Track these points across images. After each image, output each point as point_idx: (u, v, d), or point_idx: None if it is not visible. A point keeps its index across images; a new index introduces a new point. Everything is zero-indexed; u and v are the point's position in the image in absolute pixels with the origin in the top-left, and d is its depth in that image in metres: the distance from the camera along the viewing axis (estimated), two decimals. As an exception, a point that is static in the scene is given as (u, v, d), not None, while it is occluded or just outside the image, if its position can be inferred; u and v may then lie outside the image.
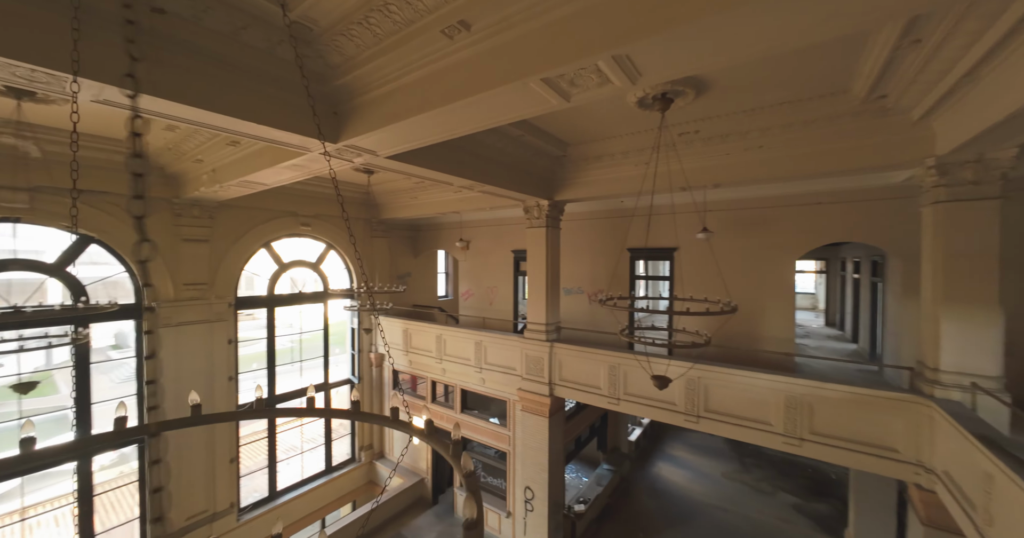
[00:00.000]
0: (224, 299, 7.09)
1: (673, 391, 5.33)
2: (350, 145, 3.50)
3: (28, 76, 2.21)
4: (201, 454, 6.81)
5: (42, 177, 5.21)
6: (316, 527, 8.83)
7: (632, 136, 5.11)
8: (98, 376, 7.02)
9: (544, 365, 6.67)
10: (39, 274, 5.52)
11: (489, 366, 7.52)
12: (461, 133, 3.09)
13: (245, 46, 2.67)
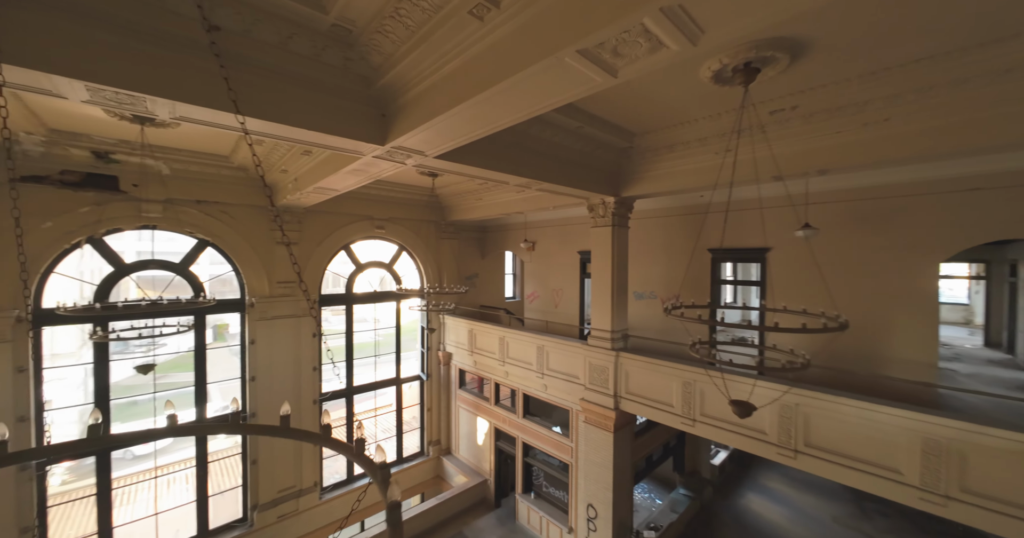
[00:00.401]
0: (310, 296, 7.80)
1: (763, 417, 4.51)
2: (397, 147, 3.50)
3: (129, 102, 2.49)
4: (290, 435, 7.56)
5: (176, 190, 6.22)
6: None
7: (710, 120, 4.43)
8: (233, 358, 8.16)
9: (609, 376, 6.17)
10: (169, 272, 6.60)
11: (551, 372, 7.21)
12: (502, 124, 2.87)
13: (293, 55, 2.76)
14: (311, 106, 3.01)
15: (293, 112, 2.93)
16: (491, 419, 8.88)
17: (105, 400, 6.03)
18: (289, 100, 2.90)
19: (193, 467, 6.77)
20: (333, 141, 3.36)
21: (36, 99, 3.96)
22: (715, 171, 4.55)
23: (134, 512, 6.76)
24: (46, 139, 4.98)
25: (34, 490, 5.47)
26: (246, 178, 6.75)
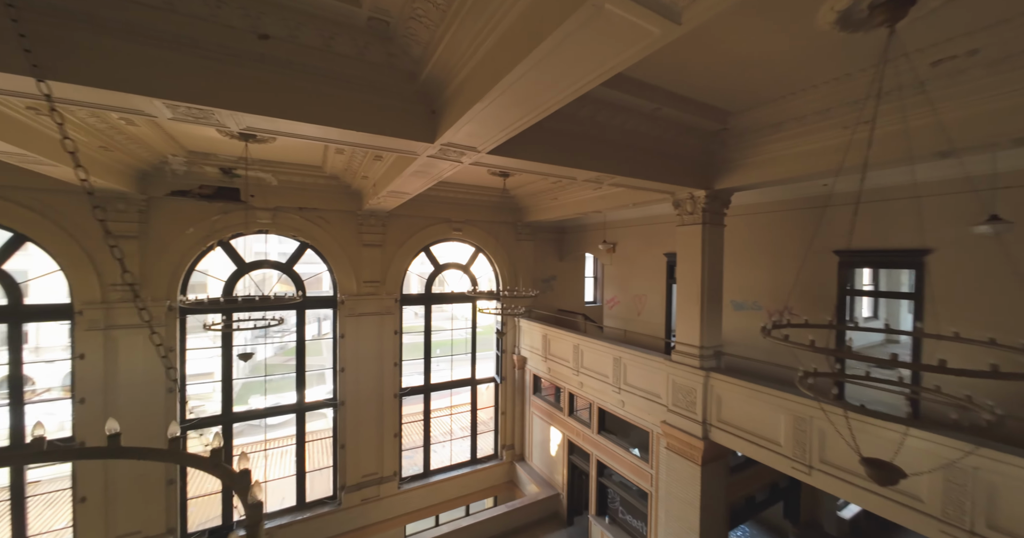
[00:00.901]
0: (392, 295, 8.25)
1: (919, 482, 3.34)
2: (448, 144, 3.34)
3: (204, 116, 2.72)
4: (373, 426, 8.08)
5: (281, 199, 7.06)
6: (461, 511, 9.46)
7: (834, 84, 3.43)
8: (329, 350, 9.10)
9: (696, 398, 5.29)
10: (276, 271, 7.53)
11: (629, 388, 6.50)
12: (548, 106, 2.49)
13: (338, 56, 2.76)
14: (360, 107, 2.99)
15: (343, 115, 2.94)
16: (564, 430, 8.41)
17: (228, 380, 7.10)
18: (338, 103, 2.91)
19: (303, 444, 7.64)
20: (385, 141, 3.33)
21: (172, 126, 4.71)
22: (841, 151, 3.51)
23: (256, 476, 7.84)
24: (187, 160, 6.00)
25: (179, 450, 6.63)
26: (337, 186, 7.38)
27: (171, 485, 6.54)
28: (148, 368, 6.31)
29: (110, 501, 6.10)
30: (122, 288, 6.12)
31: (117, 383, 6.15)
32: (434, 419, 9.28)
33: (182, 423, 6.69)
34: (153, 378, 6.35)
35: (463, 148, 3.45)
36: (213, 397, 17.05)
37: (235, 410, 7.26)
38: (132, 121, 4.34)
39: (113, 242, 1.75)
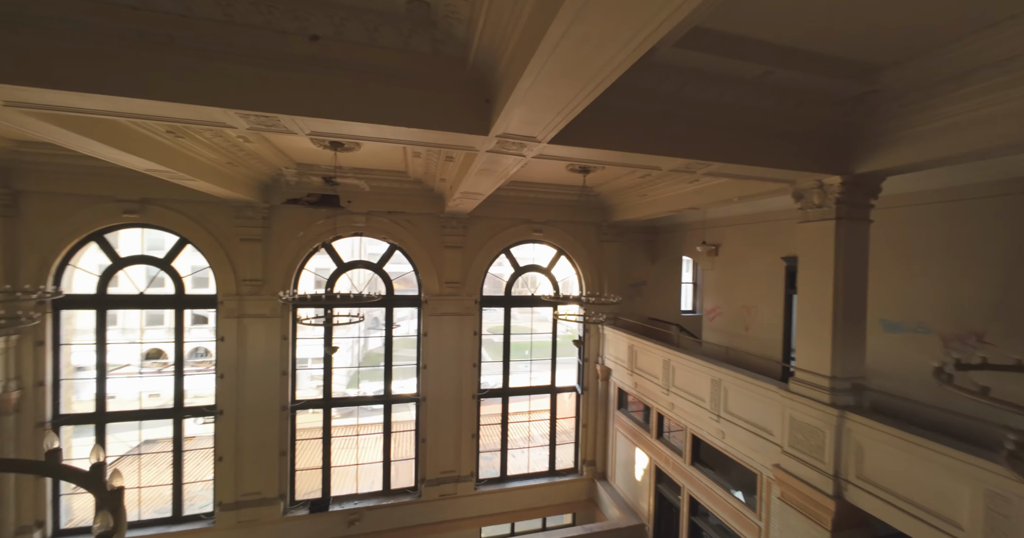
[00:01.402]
0: (472, 297, 8.31)
1: None
2: (504, 134, 3.04)
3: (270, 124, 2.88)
4: (452, 424, 8.23)
5: (372, 204, 7.61)
6: (537, 523, 9.13)
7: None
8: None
9: (824, 443, 4.12)
10: (369, 271, 8.14)
11: (731, 417, 5.44)
12: (603, 74, 2.03)
13: (384, 50, 2.66)
14: (411, 103, 2.88)
15: (394, 111, 2.85)
16: (652, 454, 7.49)
17: (328, 368, 7.88)
18: (388, 100, 2.83)
19: (389, 433, 8.17)
20: (439, 137, 3.18)
21: (278, 140, 5.31)
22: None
23: (345, 457, 8.63)
24: (297, 171, 6.78)
25: (288, 425, 7.57)
26: (421, 189, 7.67)
27: (283, 456, 7.48)
28: (268, 352, 7.31)
29: (239, 463, 7.19)
30: (251, 283, 7.20)
31: (246, 363, 7.24)
32: (511, 424, 9.12)
33: (292, 403, 7.61)
34: (271, 361, 7.34)
35: (521, 138, 3.12)
36: (348, 378, 19.60)
37: (335, 395, 8.03)
38: (248, 138, 4.98)
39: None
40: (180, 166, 4.73)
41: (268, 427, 7.31)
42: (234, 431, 7.17)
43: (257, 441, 7.26)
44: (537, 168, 6.49)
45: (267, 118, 2.79)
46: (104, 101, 2.50)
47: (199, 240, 7.01)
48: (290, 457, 7.60)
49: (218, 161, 5.34)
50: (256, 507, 7.22)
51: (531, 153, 3.51)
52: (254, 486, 7.26)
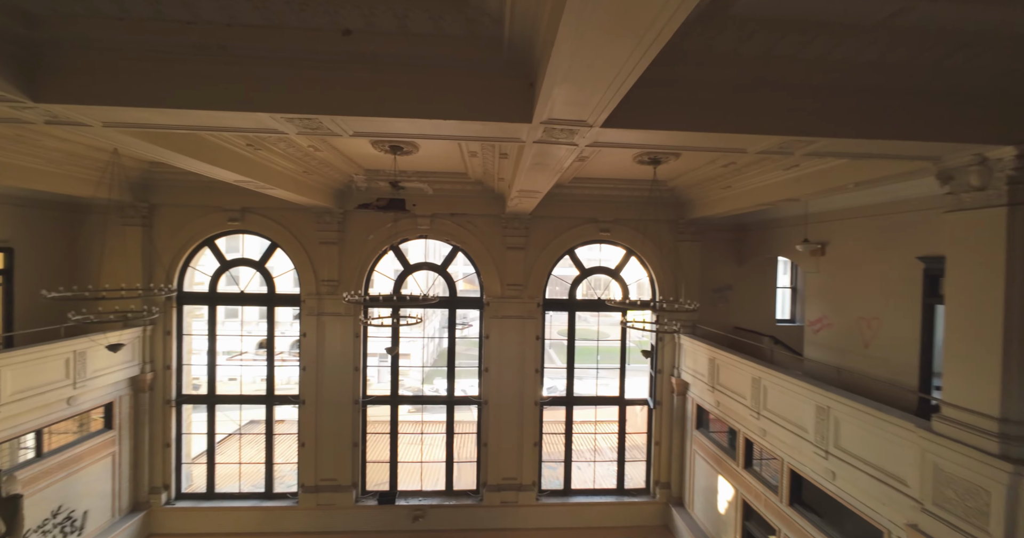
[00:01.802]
0: (534, 300, 8.03)
1: None
2: (550, 120, 2.71)
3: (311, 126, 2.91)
4: (513, 430, 8.02)
5: (436, 206, 7.73)
6: (605, 545, 8.51)
7: None
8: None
9: (991, 508, 3.08)
10: (433, 272, 8.28)
11: (844, 455, 4.42)
12: (654, 26, 1.59)
13: (416, 37, 2.50)
14: (447, 92, 2.70)
15: (430, 104, 2.69)
16: (738, 486, 6.50)
17: (396, 366, 8.17)
18: (424, 91, 2.68)
19: (452, 434, 8.26)
20: (479, 129, 2.95)
21: (345, 147, 5.57)
22: None
23: (411, 452, 8.89)
24: (366, 177, 7.12)
25: (360, 419, 8.00)
26: (482, 190, 7.59)
27: (355, 447, 7.92)
28: (342, 348, 7.80)
29: (319, 450, 7.76)
30: (328, 283, 7.74)
31: (324, 358, 7.79)
32: (576, 435, 8.64)
33: (363, 398, 8.03)
34: (345, 357, 7.81)
35: (569, 123, 2.75)
36: (410, 375, 20.69)
37: (401, 393, 8.31)
38: (317, 147, 5.29)
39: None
40: (262, 176, 5.17)
41: (342, 419, 7.78)
42: (314, 420, 7.75)
43: (333, 431, 7.78)
44: (601, 162, 5.99)
45: (309, 120, 2.80)
46: (173, 116, 2.69)
47: (286, 244, 7.72)
48: (361, 449, 8.02)
49: (295, 170, 5.76)
50: (332, 492, 7.73)
51: (584, 140, 3.11)
52: (331, 473, 7.78)
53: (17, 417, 5.55)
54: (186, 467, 7.93)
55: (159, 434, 7.61)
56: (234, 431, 9.08)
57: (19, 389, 5.48)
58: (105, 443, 6.91)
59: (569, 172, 6.48)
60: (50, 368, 5.86)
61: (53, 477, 6.10)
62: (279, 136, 4.70)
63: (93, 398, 6.63)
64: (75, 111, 2.65)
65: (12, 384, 5.39)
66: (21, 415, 5.59)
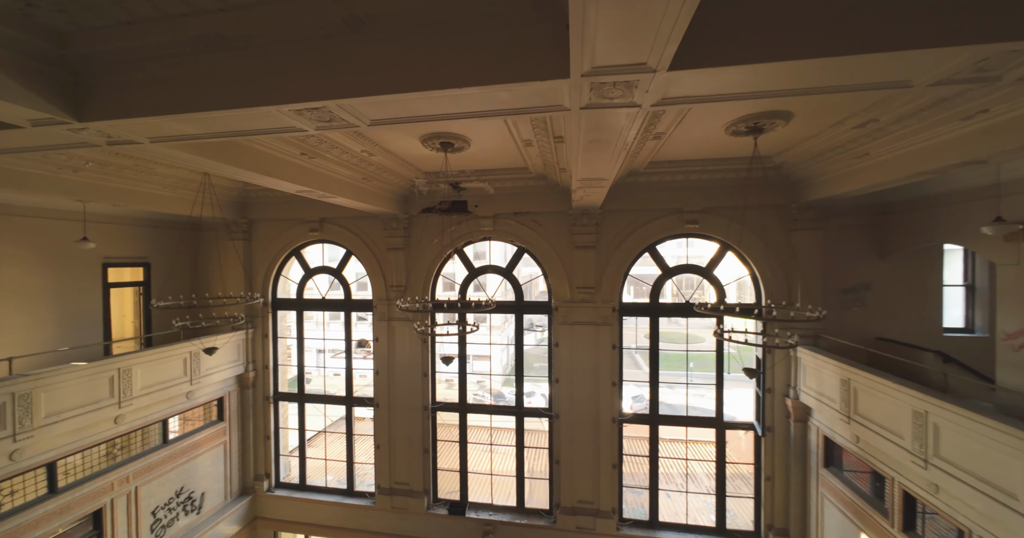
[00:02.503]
0: (608, 303, 7.15)
1: None
2: (594, 70, 2.02)
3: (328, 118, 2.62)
4: (588, 449, 7.23)
5: (498, 206, 7.32)
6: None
7: None
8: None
9: None
10: (499, 276, 7.87)
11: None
12: None
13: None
14: (463, 53, 2.17)
15: (444, 71, 2.19)
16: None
17: (464, 373, 7.94)
18: (436, 57, 2.18)
19: (522, 447, 7.78)
20: (509, 99, 2.38)
21: (396, 147, 5.41)
22: None
23: (482, 461, 8.60)
24: (427, 181, 6.98)
25: (430, 425, 7.92)
26: (546, 186, 6.97)
27: (425, 454, 7.86)
28: (411, 354, 7.80)
29: (392, 452, 7.86)
30: (396, 288, 7.81)
31: (395, 362, 7.88)
32: (663, 459, 7.51)
33: (432, 404, 7.94)
34: (414, 362, 7.80)
35: (622, 71, 2.02)
36: (486, 385, 20.62)
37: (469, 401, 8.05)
38: (371, 152, 5.20)
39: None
40: (321, 185, 5.24)
41: (413, 424, 7.77)
42: (387, 423, 7.87)
43: (405, 435, 7.80)
44: (683, 139, 4.97)
45: (319, 111, 2.51)
46: (191, 122, 2.60)
47: (359, 251, 7.98)
48: (432, 455, 7.93)
49: (353, 177, 5.78)
50: (405, 496, 7.75)
51: (648, 97, 2.33)
52: (404, 477, 7.81)
53: (147, 408, 6.43)
54: (284, 459, 8.64)
55: (261, 427, 8.40)
56: (322, 428, 9.71)
57: (147, 384, 6.34)
58: (217, 433, 7.79)
59: (643, 155, 5.55)
60: (171, 366, 6.71)
61: (176, 461, 6.99)
62: (331, 143, 4.68)
63: (207, 393, 7.50)
64: (116, 127, 2.70)
65: (141, 380, 6.25)
66: (150, 407, 6.47)
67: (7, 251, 5.98)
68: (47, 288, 6.37)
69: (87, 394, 5.59)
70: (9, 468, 4.92)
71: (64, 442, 5.44)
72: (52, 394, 5.22)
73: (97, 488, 5.84)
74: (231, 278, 8.30)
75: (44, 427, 5.12)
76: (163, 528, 6.76)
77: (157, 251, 8.04)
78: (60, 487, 5.47)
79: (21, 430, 4.91)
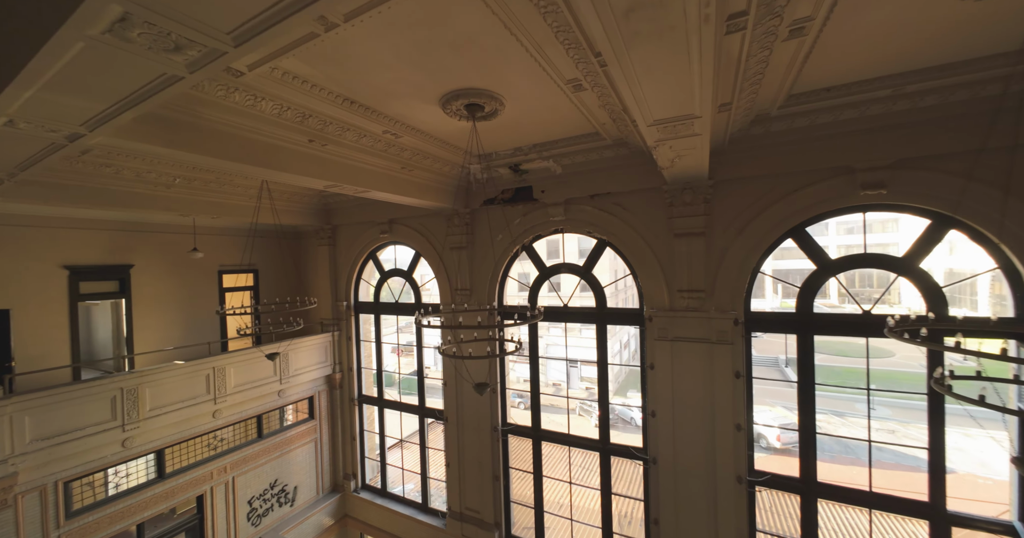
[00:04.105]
0: (728, 314, 5.04)
1: None
2: None
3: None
4: (702, 514, 5.24)
5: (570, 189, 5.88)
6: None
7: None
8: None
9: None
10: (574, 276, 6.37)
11: None
12: None
13: None
14: None
15: None
16: None
17: (536, 393, 6.65)
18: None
19: (608, 494, 6.21)
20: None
21: (425, 124, 4.49)
22: None
23: (560, 495, 7.18)
24: (482, 166, 5.96)
25: (500, 449, 6.87)
26: (628, 156, 5.25)
27: (496, 481, 6.84)
28: (478, 364, 6.88)
29: (463, 474, 7.07)
30: (461, 292, 7.00)
31: (462, 374, 7.07)
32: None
33: (503, 426, 6.88)
34: (481, 376, 6.85)
35: None
36: (561, 409, 18.53)
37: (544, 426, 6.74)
38: (394, 132, 4.39)
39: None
40: (349, 178, 4.64)
41: (482, 445, 6.85)
42: (456, 441, 7.12)
43: (475, 457, 6.93)
44: (856, 32, 2.84)
45: (163, 31, 1.59)
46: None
47: (426, 252, 7.43)
48: (503, 484, 6.87)
49: (390, 167, 5.09)
50: (476, 526, 6.87)
51: None
52: (475, 503, 6.95)
53: (241, 404, 6.89)
54: (369, 462, 8.68)
55: (348, 427, 8.56)
56: (400, 435, 9.57)
57: (240, 382, 6.77)
58: (309, 430, 8.13)
59: (774, 79, 3.49)
60: (262, 366, 7.10)
61: (270, 455, 7.41)
62: (337, 124, 3.99)
63: (297, 392, 7.85)
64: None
65: (234, 378, 6.69)
66: (244, 403, 6.92)
67: (142, 263, 7.04)
68: (173, 294, 7.37)
69: (186, 390, 6.12)
70: (122, 454, 5.55)
71: (168, 433, 6.01)
72: (156, 389, 5.78)
73: (198, 476, 6.38)
74: (323, 282, 8.66)
75: (149, 419, 5.69)
76: (259, 517, 7.20)
77: (264, 259, 8.85)
78: (167, 473, 6.07)
79: (129, 421, 5.50)
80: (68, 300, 6.19)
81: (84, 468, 5.21)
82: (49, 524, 4.92)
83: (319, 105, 3.57)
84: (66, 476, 5.07)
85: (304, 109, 3.60)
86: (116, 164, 5.17)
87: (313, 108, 3.62)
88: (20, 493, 4.71)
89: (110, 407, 5.35)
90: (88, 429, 5.16)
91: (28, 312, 5.83)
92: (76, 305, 6.26)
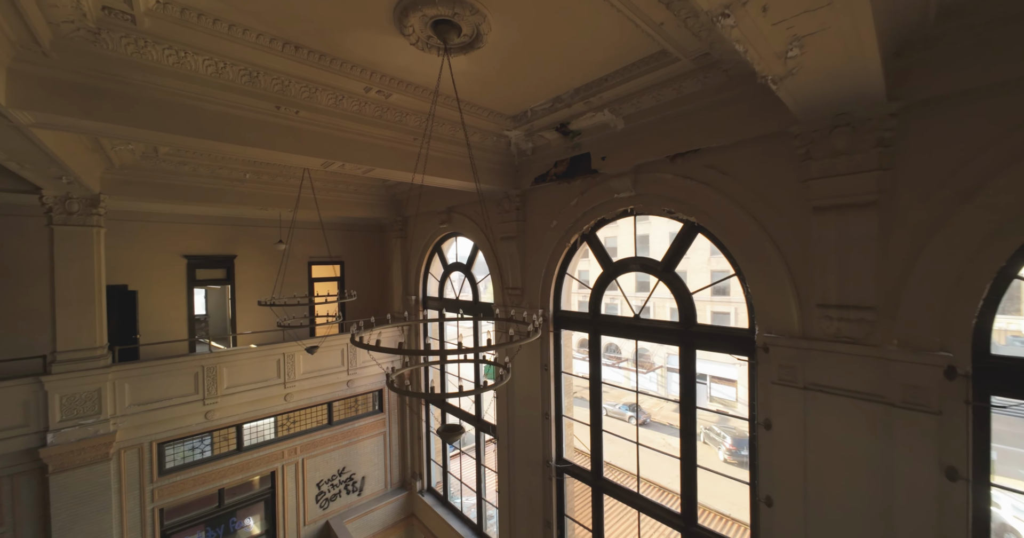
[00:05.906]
0: (926, 355, 2.69)
1: None
2: None
3: None
4: None
5: (638, 151, 4.14)
6: None
7: None
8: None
9: None
10: (650, 276, 4.51)
11: None
12: None
13: None
14: None
15: None
16: None
17: (597, 425, 5.07)
18: None
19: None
20: None
21: (403, 73, 3.49)
22: None
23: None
24: (524, 130, 4.68)
25: (552, 491, 5.51)
26: (721, 84, 3.28)
27: (548, 528, 5.52)
28: (530, 383, 5.64)
29: (512, 507, 5.98)
30: (512, 291, 5.85)
31: (515, 391, 5.93)
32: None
33: (557, 463, 5.48)
34: (532, 396, 5.61)
35: None
36: (623, 451, 14.74)
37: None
38: (381, 89, 3.51)
39: None
40: (342, 154, 3.97)
41: (533, 479, 5.62)
42: (507, 465, 6.05)
43: (525, 491, 5.76)
44: None
45: None
46: None
47: (480, 243, 6.52)
48: (556, 534, 5.50)
49: (396, 138, 4.24)
50: (524, 575, 5.70)
51: None
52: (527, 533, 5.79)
53: (310, 391, 7.15)
54: (434, 466, 8.29)
55: (416, 426, 8.32)
56: (457, 447, 8.91)
57: (308, 369, 7.02)
58: (377, 423, 8.13)
59: None
60: (329, 356, 7.27)
61: (339, 443, 7.58)
62: (306, 82, 3.29)
63: (365, 384, 7.89)
64: None
65: (303, 365, 6.96)
66: (312, 390, 7.17)
67: (244, 253, 7.90)
68: (268, 281, 8.12)
69: (259, 373, 6.54)
70: (205, 425, 6.17)
71: (244, 410, 6.50)
72: (232, 369, 6.28)
73: (271, 453, 6.81)
74: (397, 275, 8.60)
75: (226, 396, 6.21)
76: (327, 501, 7.43)
77: (351, 251, 9.25)
78: (245, 446, 6.59)
79: (209, 396, 6.06)
80: (186, 284, 7.28)
81: (173, 433, 5.90)
82: (144, 478, 5.68)
83: (257, 56, 2.90)
84: (159, 439, 5.80)
85: (246, 64, 2.99)
86: (192, 162, 5.63)
87: (254, 61, 2.97)
88: (122, 448, 5.50)
89: (193, 382, 5.95)
90: (175, 399, 5.81)
91: (152, 293, 7.01)
92: (192, 288, 7.32)
